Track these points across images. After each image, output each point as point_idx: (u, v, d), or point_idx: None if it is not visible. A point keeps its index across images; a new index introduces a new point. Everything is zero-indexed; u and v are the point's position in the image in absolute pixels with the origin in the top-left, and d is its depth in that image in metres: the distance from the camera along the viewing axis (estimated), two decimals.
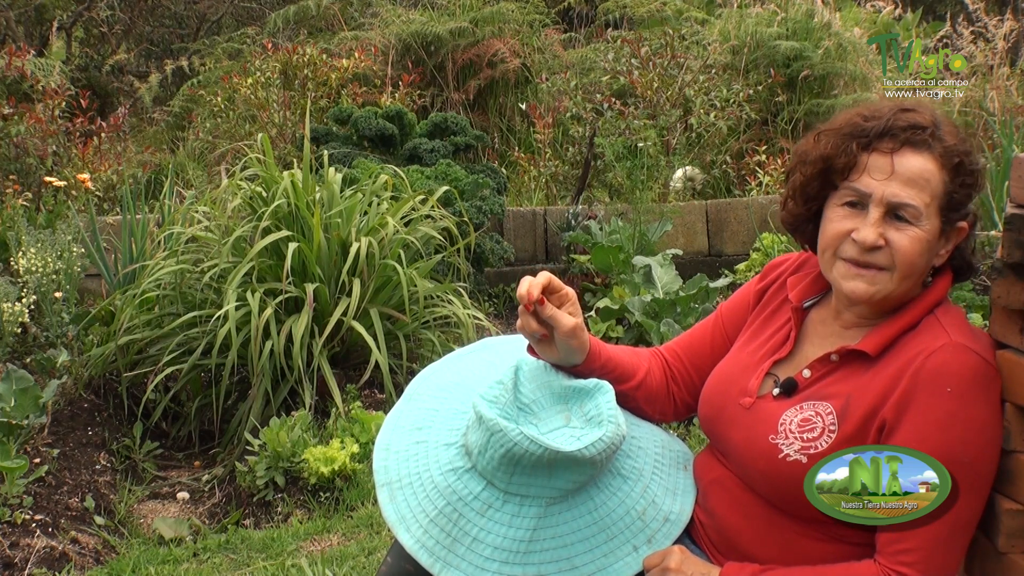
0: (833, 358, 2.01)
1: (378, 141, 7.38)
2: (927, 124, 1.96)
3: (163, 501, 4.58)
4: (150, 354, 5.05)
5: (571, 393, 2.07)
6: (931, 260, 1.99)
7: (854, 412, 1.92)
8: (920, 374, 1.87)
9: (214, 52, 11.61)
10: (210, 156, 8.98)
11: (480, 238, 6.49)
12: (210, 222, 5.37)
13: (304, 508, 4.23)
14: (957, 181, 1.95)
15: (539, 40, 10.26)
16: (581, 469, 1.96)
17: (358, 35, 10.22)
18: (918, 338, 1.94)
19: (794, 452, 1.95)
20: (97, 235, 5.99)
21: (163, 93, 11.69)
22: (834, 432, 1.93)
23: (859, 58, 9.51)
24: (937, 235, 1.97)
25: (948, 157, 1.95)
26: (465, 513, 1.98)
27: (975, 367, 1.86)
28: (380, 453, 2.13)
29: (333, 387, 4.64)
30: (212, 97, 9.23)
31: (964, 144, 1.97)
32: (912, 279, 1.98)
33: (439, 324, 5.38)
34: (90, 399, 4.94)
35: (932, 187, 1.95)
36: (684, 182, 8.41)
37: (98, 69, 12.07)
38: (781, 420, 2.00)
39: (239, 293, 4.75)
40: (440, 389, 2.24)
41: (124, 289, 5.34)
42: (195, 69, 11.31)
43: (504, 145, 9.31)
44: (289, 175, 5.09)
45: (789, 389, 2.04)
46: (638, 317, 5.55)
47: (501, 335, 2.36)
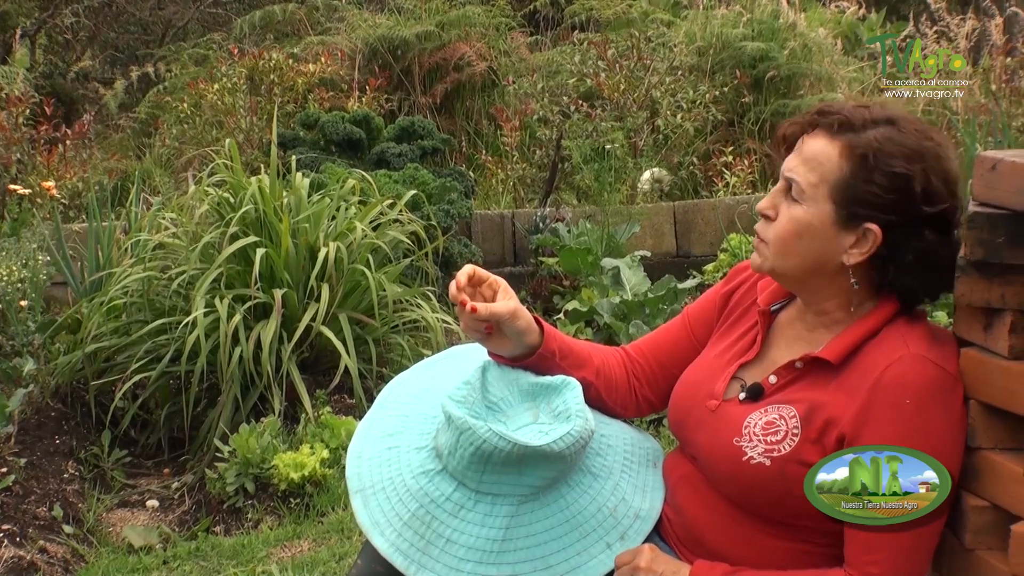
0: (798, 365, 2.01)
1: (345, 146, 7.37)
2: (837, 111, 1.98)
3: (132, 509, 4.55)
4: (118, 362, 5.02)
5: (539, 390, 2.08)
6: (821, 249, 1.97)
7: (816, 418, 1.92)
8: (878, 387, 1.86)
9: (180, 58, 11.55)
10: (177, 162, 8.94)
11: (448, 242, 6.49)
12: (177, 228, 5.35)
13: (274, 514, 4.22)
14: (860, 175, 1.92)
15: (505, 43, 10.25)
16: (551, 465, 1.97)
17: (324, 40, 10.18)
18: (878, 348, 1.92)
19: (758, 455, 1.95)
20: (63, 243, 5.95)
21: (129, 100, 11.60)
22: (797, 435, 1.93)
23: (824, 58, 9.55)
24: (828, 223, 1.94)
25: (853, 147, 1.93)
26: (437, 515, 1.99)
27: (933, 378, 1.85)
28: (352, 461, 2.14)
29: (302, 393, 4.64)
30: (178, 103, 9.20)
31: (892, 145, 1.92)
32: (793, 261, 1.99)
33: (408, 328, 5.37)
34: (57, 408, 4.91)
35: (825, 170, 1.95)
36: (652, 184, 8.42)
37: (63, 76, 12.00)
38: (746, 423, 2.00)
39: (207, 299, 4.73)
40: (410, 396, 2.25)
41: (91, 297, 5.30)
42: (161, 75, 11.25)
43: (471, 148, 9.30)
44: (256, 181, 5.07)
45: (755, 394, 2.05)
46: (607, 319, 5.56)
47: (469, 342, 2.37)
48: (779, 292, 2.16)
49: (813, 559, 1.98)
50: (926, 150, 1.93)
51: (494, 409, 2.03)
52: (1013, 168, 1.76)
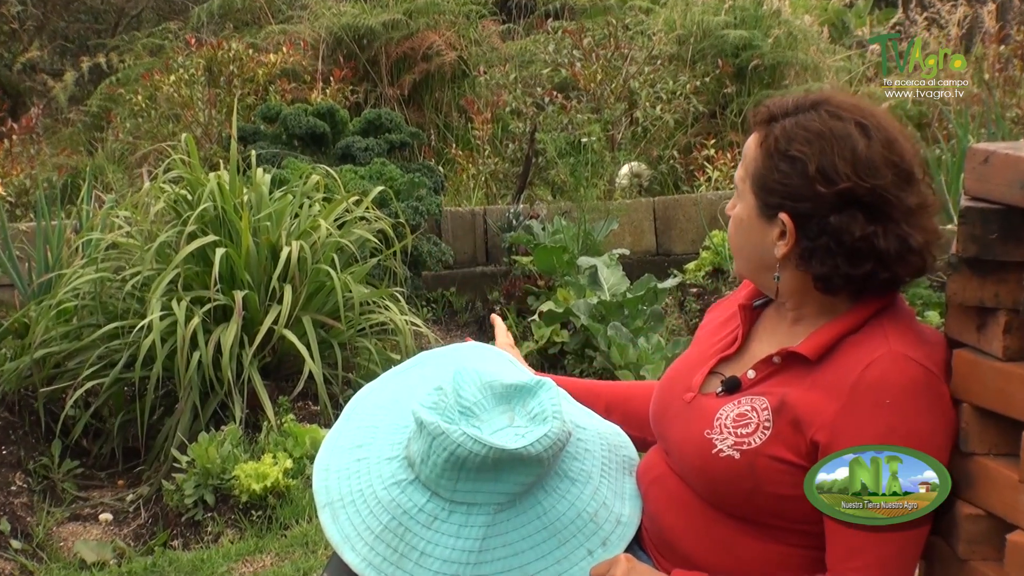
0: (775, 360, 2.02)
1: (309, 140, 7.36)
2: (767, 105, 2.04)
3: (85, 523, 4.53)
4: (68, 368, 4.99)
5: (513, 392, 2.08)
6: (757, 244, 2.03)
7: (787, 412, 1.93)
8: (857, 387, 1.86)
9: (134, 48, 11.49)
10: (131, 158, 8.91)
11: (417, 240, 6.49)
12: (132, 227, 5.33)
13: (235, 527, 4.21)
14: (768, 163, 1.97)
15: (476, 32, 10.26)
16: (528, 469, 1.97)
17: (286, 29, 10.16)
18: (858, 345, 1.93)
19: (727, 448, 1.96)
20: (9, 243, 5.91)
21: (79, 92, 11.53)
22: (768, 428, 1.93)
23: (810, 47, 9.59)
24: (754, 215, 2.01)
25: (767, 136, 1.99)
26: (411, 527, 1.98)
27: (914, 377, 1.85)
28: (320, 474, 2.13)
29: (264, 399, 4.63)
30: (132, 96, 9.15)
31: (795, 130, 1.95)
32: (741, 259, 2.10)
33: (375, 331, 5.37)
34: (4, 416, 4.88)
35: (747, 162, 2.03)
36: (630, 178, 8.44)
37: (8, 68, 11.91)
38: (718, 415, 2.02)
39: (164, 302, 4.72)
40: (378, 407, 2.24)
41: (39, 300, 5.27)
42: (114, 66, 11.19)
43: (441, 142, 9.31)
44: (215, 177, 5.06)
45: (731, 388, 2.06)
46: (584, 320, 5.56)
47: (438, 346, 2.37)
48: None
49: (790, 561, 1.98)
50: (831, 130, 1.94)
51: (467, 414, 2.03)
52: (1006, 161, 1.76)
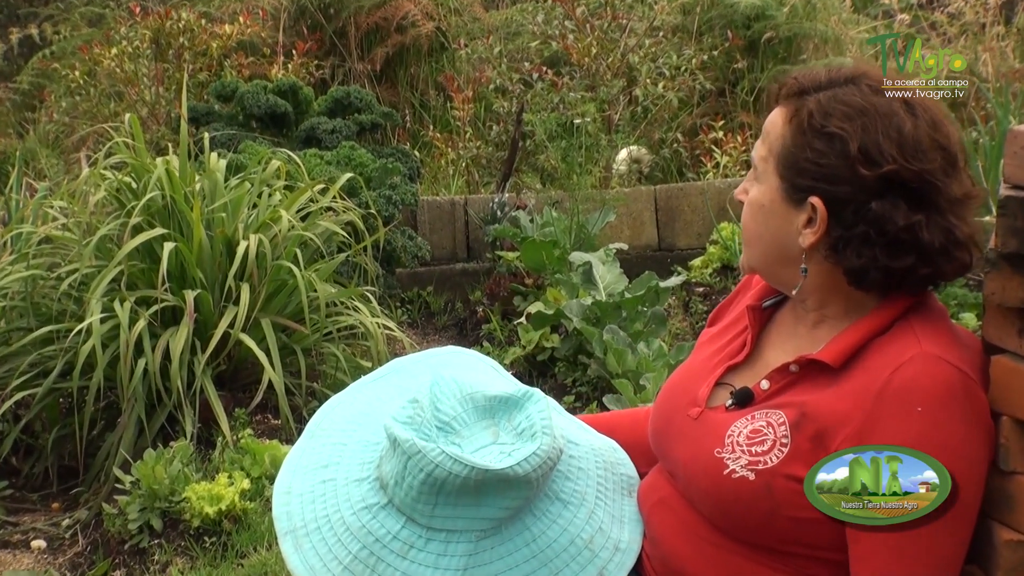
0: (793, 368, 2.01)
1: (269, 121, 7.35)
2: (794, 77, 2.02)
3: (14, 551, 4.52)
4: None
5: (497, 405, 2.06)
6: (779, 232, 2.01)
7: (808, 426, 1.91)
8: (885, 393, 1.84)
9: (70, 18, 11.46)
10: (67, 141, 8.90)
11: (390, 234, 6.48)
12: (68, 219, 5.31)
13: (186, 555, 4.20)
14: (799, 140, 1.95)
15: (456, 0, 10.26)
16: (514, 492, 1.95)
17: None
18: (887, 347, 1.91)
19: (740, 468, 1.95)
20: None
21: (8, 67, 11.52)
22: (786, 446, 1.92)
23: (830, 16, 9.57)
24: (778, 199, 1.99)
25: (798, 111, 1.97)
26: (383, 556, 1.97)
27: (948, 380, 1.83)
28: (281, 498, 2.12)
29: (219, 412, 4.61)
30: (69, 71, 9.11)
31: (832, 104, 1.94)
32: (757, 249, 2.06)
33: (344, 335, 5.37)
34: None
35: (771, 139, 2.00)
36: (629, 164, 8.45)
37: None
38: (729, 432, 2.01)
39: (105, 303, 4.70)
40: (347, 421, 2.23)
41: None
42: (47, 38, 11.16)
43: (417, 124, 9.31)
44: (163, 162, 5.05)
45: (743, 400, 2.05)
46: (577, 324, 5.56)
47: (414, 352, 2.36)
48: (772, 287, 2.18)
49: None
50: (874, 106, 1.93)
51: (446, 430, 2.02)
52: None
